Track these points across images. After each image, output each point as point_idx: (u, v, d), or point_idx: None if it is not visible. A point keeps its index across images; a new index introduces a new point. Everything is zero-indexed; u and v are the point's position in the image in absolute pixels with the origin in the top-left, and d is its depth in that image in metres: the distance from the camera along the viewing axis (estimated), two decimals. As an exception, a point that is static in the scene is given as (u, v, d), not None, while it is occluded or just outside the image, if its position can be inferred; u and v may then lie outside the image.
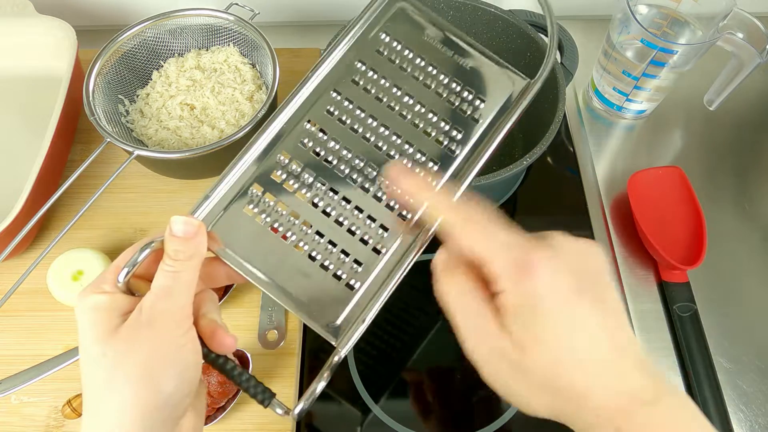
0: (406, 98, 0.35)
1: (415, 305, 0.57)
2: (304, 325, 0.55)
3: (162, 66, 0.64)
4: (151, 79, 0.64)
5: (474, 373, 0.29)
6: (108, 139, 0.55)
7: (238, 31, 0.63)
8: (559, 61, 0.57)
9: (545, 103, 0.57)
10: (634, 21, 0.55)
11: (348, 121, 0.35)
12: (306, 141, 0.35)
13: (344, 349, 0.32)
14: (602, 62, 0.64)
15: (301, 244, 0.33)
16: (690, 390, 0.52)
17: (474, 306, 0.28)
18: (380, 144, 0.35)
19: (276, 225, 0.33)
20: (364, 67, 0.36)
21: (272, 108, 0.59)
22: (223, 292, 0.55)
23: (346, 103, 0.35)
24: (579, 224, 0.61)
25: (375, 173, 0.34)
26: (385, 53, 0.36)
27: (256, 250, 0.33)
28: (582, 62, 0.59)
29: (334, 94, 0.35)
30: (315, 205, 0.34)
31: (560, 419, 0.28)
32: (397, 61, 0.36)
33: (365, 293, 0.32)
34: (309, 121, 0.35)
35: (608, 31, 0.62)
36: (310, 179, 0.34)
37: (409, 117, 0.35)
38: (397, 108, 0.35)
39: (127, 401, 0.28)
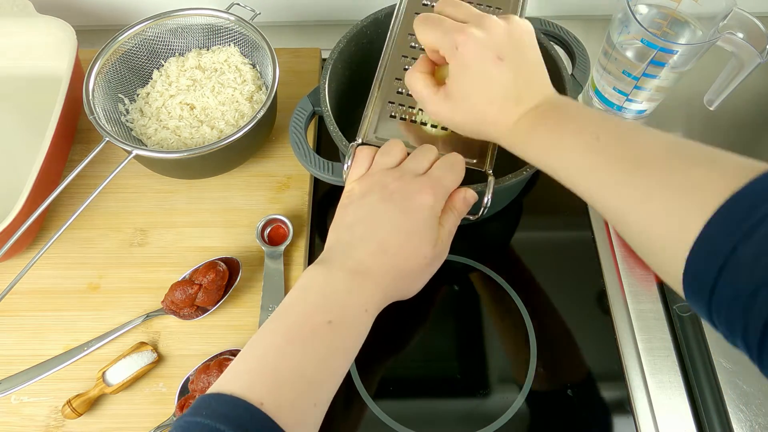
0: None
1: (415, 306, 0.57)
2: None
3: (163, 65, 0.64)
4: (152, 79, 0.64)
5: (474, 373, 0.29)
6: (107, 138, 0.55)
7: (238, 31, 0.63)
8: (570, 72, 0.57)
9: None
10: (634, 21, 0.55)
11: None
12: (412, 46, 0.51)
13: (490, 169, 0.48)
14: (602, 62, 0.64)
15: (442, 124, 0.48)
16: (690, 390, 0.52)
17: (429, 81, 0.44)
18: None
19: (414, 119, 0.50)
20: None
21: (272, 108, 0.59)
22: (223, 292, 0.55)
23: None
24: (580, 225, 0.61)
25: None
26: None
27: (409, 135, 0.49)
28: (582, 62, 0.59)
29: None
30: None
31: (476, 134, 0.44)
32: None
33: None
34: (411, 34, 0.51)
35: (608, 31, 0.62)
36: None
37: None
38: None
39: None
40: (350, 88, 0.61)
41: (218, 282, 0.54)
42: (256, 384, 0.35)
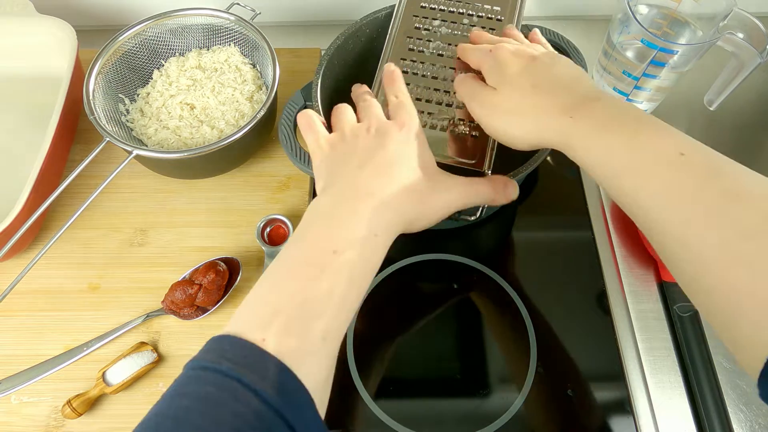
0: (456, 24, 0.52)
1: (415, 306, 0.57)
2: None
3: (163, 65, 0.64)
4: (152, 79, 0.64)
5: (474, 373, 0.29)
6: (107, 139, 0.55)
7: (239, 31, 0.63)
8: None
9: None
10: (635, 21, 0.55)
11: (430, 36, 0.52)
12: (410, 49, 0.51)
13: (489, 169, 0.47)
14: (602, 62, 0.64)
15: (441, 125, 0.49)
16: (690, 390, 0.52)
17: (476, 81, 0.45)
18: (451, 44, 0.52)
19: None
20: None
21: (272, 108, 0.59)
22: (223, 292, 0.55)
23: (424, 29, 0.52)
24: (580, 224, 0.61)
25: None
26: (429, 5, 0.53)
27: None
28: (582, 62, 0.59)
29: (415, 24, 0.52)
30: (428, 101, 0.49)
31: (530, 142, 0.42)
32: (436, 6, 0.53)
33: (481, 139, 0.48)
34: (409, 37, 0.52)
35: (608, 31, 0.62)
36: (425, 72, 0.50)
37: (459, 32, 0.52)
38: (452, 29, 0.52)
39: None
40: (347, 85, 0.61)
41: (218, 282, 0.54)
42: (255, 322, 0.34)
